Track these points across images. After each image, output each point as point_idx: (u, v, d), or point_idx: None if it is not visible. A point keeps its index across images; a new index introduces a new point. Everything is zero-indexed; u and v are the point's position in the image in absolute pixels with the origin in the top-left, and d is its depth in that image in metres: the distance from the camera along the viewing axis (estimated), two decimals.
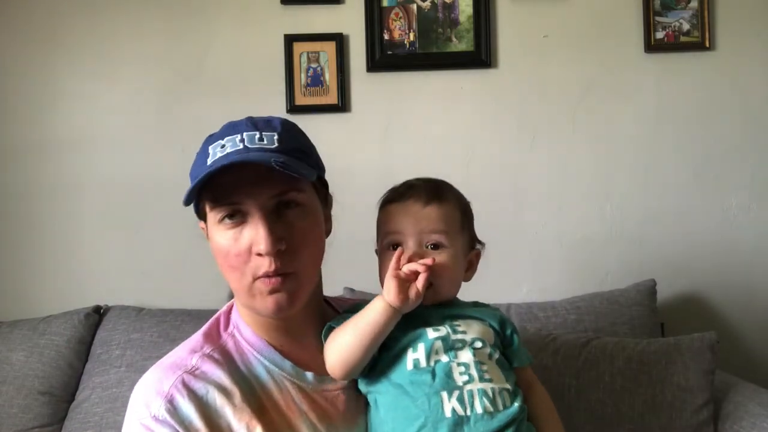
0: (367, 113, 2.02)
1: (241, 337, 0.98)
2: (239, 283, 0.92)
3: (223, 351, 0.96)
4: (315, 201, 0.96)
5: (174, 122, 2.01)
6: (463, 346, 0.95)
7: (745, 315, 2.00)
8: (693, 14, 2.01)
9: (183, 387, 0.90)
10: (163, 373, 0.92)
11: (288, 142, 0.93)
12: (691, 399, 1.47)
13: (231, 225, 0.91)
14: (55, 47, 2.01)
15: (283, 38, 2.00)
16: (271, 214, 0.90)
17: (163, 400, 0.88)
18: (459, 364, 0.94)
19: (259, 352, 0.96)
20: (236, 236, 0.90)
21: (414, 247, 0.98)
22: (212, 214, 0.93)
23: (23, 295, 1.99)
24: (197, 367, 0.93)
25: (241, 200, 0.89)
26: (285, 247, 0.89)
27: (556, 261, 2.02)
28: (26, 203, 2.01)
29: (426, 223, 0.99)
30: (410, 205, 1.01)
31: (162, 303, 1.91)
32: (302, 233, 0.92)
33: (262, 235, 0.88)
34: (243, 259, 0.90)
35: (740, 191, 2.02)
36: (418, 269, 0.92)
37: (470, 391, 0.92)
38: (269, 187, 0.89)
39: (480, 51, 2.00)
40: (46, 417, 1.70)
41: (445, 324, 0.98)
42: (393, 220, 1.01)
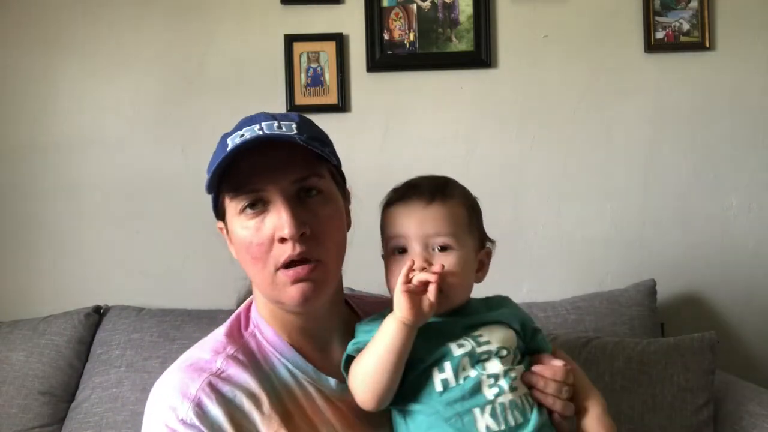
0: (367, 113, 2.02)
1: (263, 337, 0.95)
2: (262, 275, 0.89)
3: (247, 351, 0.93)
4: (335, 190, 0.94)
5: (174, 122, 2.01)
6: (490, 357, 0.91)
7: (745, 315, 2.00)
8: (693, 14, 2.01)
9: (211, 390, 0.86)
10: (187, 375, 0.88)
11: (306, 131, 0.91)
12: (691, 399, 1.47)
13: (253, 215, 0.88)
14: (55, 47, 2.01)
15: (283, 38, 2.00)
16: (293, 200, 0.87)
17: (190, 403, 0.85)
18: (489, 376, 0.90)
19: (281, 353, 0.93)
20: (258, 225, 0.88)
21: (420, 251, 0.93)
22: (233, 206, 0.90)
23: (23, 295, 1.99)
24: (223, 369, 0.89)
25: (262, 186, 0.87)
26: (309, 232, 0.87)
27: (556, 261, 2.02)
28: (26, 203, 2.01)
29: (431, 224, 0.94)
30: (412, 205, 0.95)
31: (162, 303, 1.91)
32: (325, 220, 0.89)
33: (285, 218, 0.85)
34: (265, 249, 0.87)
35: (740, 191, 2.02)
36: (429, 279, 0.87)
37: (502, 404, 0.88)
38: (290, 172, 0.87)
39: (480, 51, 2.00)
40: (46, 417, 1.70)
41: (467, 337, 0.93)
42: (395, 223, 0.96)
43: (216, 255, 2.10)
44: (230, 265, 1.01)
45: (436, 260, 0.92)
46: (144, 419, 0.89)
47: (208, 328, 1.01)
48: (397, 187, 1.00)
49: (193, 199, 1.91)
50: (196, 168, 1.96)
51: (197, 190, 0.93)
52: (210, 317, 1.74)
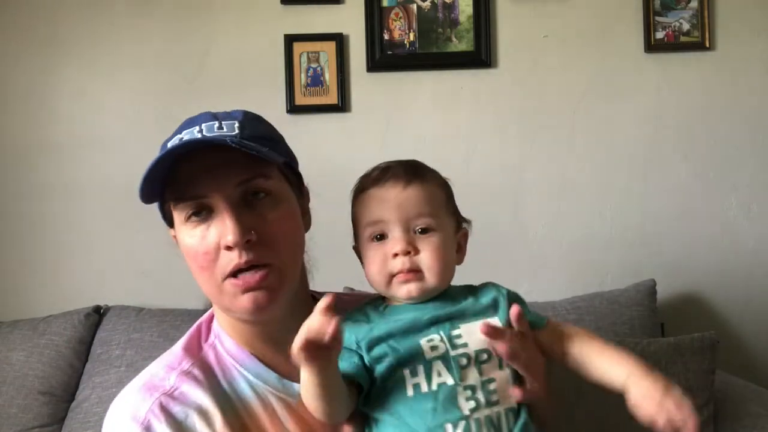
0: (367, 113, 2.02)
1: (223, 348, 0.92)
2: (209, 284, 0.86)
3: (204, 366, 0.89)
4: (286, 190, 0.89)
5: (174, 122, 1.98)
6: (468, 363, 0.84)
7: (745, 315, 2.00)
8: (693, 14, 2.01)
9: (161, 411, 0.83)
10: (139, 396, 0.86)
11: (251, 130, 0.86)
12: (691, 399, 1.47)
13: (197, 222, 0.84)
14: (56, 47, 2.01)
15: (283, 38, 2.00)
16: (238, 205, 0.83)
17: (139, 426, 0.82)
18: (465, 387, 0.83)
19: (242, 365, 0.90)
20: (203, 234, 0.84)
21: (401, 235, 0.88)
22: (177, 214, 0.86)
23: (23, 295, 1.99)
24: (176, 386, 0.86)
25: (205, 192, 0.82)
26: (256, 239, 0.82)
27: (556, 261, 2.02)
28: (26, 203, 2.01)
29: (411, 206, 0.89)
30: (390, 188, 0.90)
31: (162, 303, 1.91)
32: (275, 223, 0.85)
33: (228, 225, 0.81)
34: (211, 257, 0.83)
35: (740, 191, 2.02)
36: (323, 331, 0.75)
37: (477, 419, 0.82)
38: (233, 175, 0.82)
39: (480, 51, 2.00)
40: (46, 417, 1.70)
41: (442, 332, 0.86)
42: (373, 209, 0.91)
43: None
44: None
45: (419, 243, 0.89)
46: None
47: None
48: (368, 173, 0.95)
49: None
50: None
51: None
52: None
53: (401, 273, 0.88)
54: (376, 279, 0.91)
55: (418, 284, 0.88)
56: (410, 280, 0.88)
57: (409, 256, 0.88)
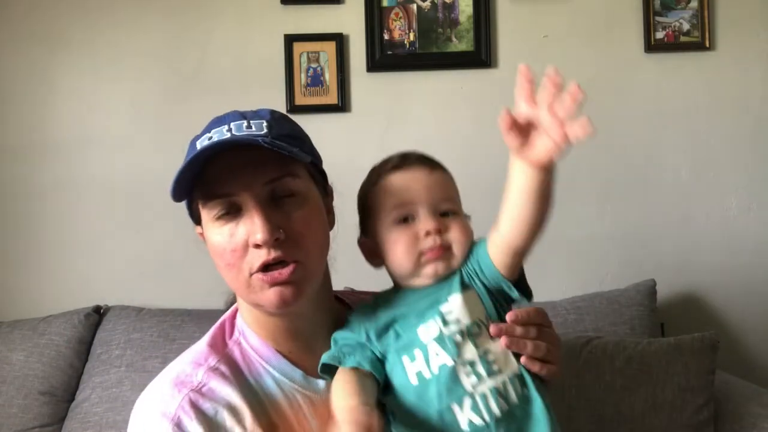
0: (367, 113, 2.02)
1: (248, 344, 0.92)
2: (237, 281, 0.87)
3: (230, 362, 0.90)
4: (312, 189, 0.91)
5: (174, 122, 2.01)
6: (463, 339, 0.85)
7: (745, 315, 2.00)
8: (693, 14, 2.01)
9: (191, 408, 0.84)
10: (167, 391, 0.87)
11: (278, 129, 0.88)
12: (691, 399, 1.47)
13: (226, 221, 0.86)
14: (55, 47, 2.01)
15: (283, 38, 2.00)
16: (266, 204, 0.84)
17: (170, 423, 0.83)
18: (464, 363, 0.84)
19: (268, 361, 0.91)
20: (232, 231, 0.85)
21: (430, 217, 0.90)
22: (206, 212, 0.88)
23: (23, 295, 1.99)
24: (204, 383, 0.87)
25: (234, 191, 0.84)
26: (284, 237, 0.84)
27: (556, 261, 2.01)
28: (26, 203, 2.01)
29: (438, 189, 0.94)
30: (416, 172, 0.94)
31: (162, 303, 1.91)
32: (301, 221, 0.86)
33: (257, 224, 0.83)
34: (239, 254, 0.85)
35: (740, 191, 2.02)
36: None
37: (483, 393, 0.83)
38: (261, 174, 0.84)
39: (480, 51, 2.00)
40: (46, 417, 1.70)
41: (434, 313, 0.87)
42: (400, 191, 0.92)
43: None
44: None
45: (447, 225, 0.91)
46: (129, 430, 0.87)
47: (208, 328, 1.00)
48: (383, 163, 0.97)
49: None
50: None
51: None
52: (210, 317, 1.72)
53: (432, 251, 0.90)
54: (403, 260, 0.91)
55: (446, 263, 0.91)
56: (440, 258, 0.90)
57: (440, 234, 0.90)
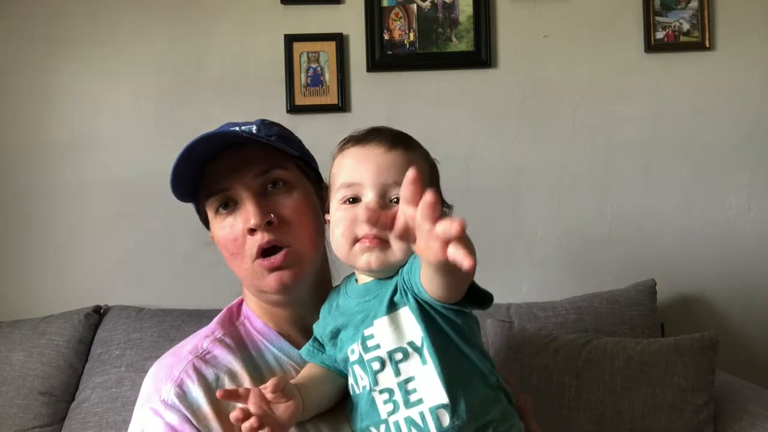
0: (367, 113, 2.01)
1: (252, 326, 1.00)
2: (241, 268, 0.94)
3: (235, 336, 0.98)
4: (302, 180, 0.98)
5: (174, 122, 2.01)
6: (382, 367, 0.80)
7: (745, 315, 2.00)
8: (693, 14, 2.01)
9: (193, 371, 0.91)
10: (174, 359, 0.94)
11: (266, 130, 0.96)
12: (691, 399, 1.47)
13: (226, 214, 0.94)
14: (56, 47, 2.01)
15: (283, 38, 2.00)
16: (258, 194, 0.92)
17: (173, 385, 0.90)
18: (381, 391, 0.80)
19: (269, 340, 0.98)
20: (232, 223, 0.93)
21: (375, 200, 0.82)
22: (209, 210, 0.96)
23: (23, 295, 1.99)
24: (208, 350, 0.94)
25: (228, 185, 0.92)
26: (276, 221, 0.91)
27: (556, 261, 2.02)
28: (26, 203, 2.01)
29: (391, 171, 0.83)
30: (371, 149, 0.85)
31: (162, 303, 1.91)
32: (291, 207, 0.93)
33: (250, 210, 0.90)
34: (240, 243, 0.93)
35: (740, 191, 2.02)
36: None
37: (396, 422, 0.79)
38: (252, 167, 0.92)
39: (480, 51, 2.00)
40: (46, 417, 1.70)
41: (359, 334, 0.82)
42: (349, 168, 0.85)
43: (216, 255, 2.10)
44: None
45: (393, 212, 0.75)
46: (138, 400, 0.94)
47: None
48: (355, 133, 0.91)
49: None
50: None
51: None
52: (210, 317, 1.72)
53: (366, 238, 0.82)
54: (339, 242, 0.85)
55: (380, 255, 0.82)
56: (373, 248, 0.82)
57: (377, 223, 0.76)
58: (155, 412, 0.88)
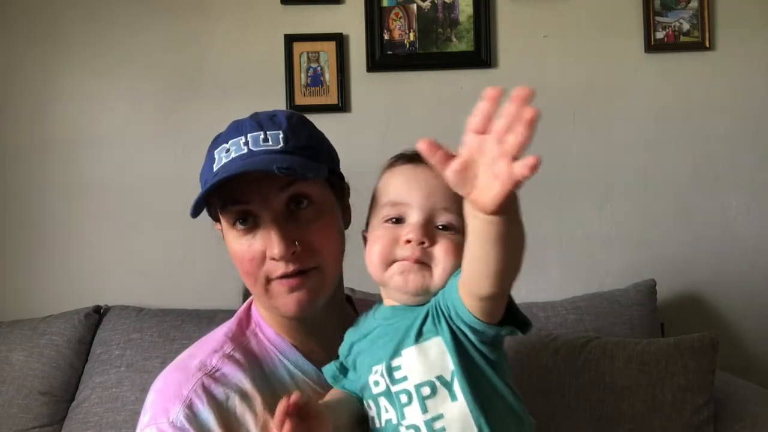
0: (367, 113, 2.01)
1: (263, 335, 0.96)
2: (255, 287, 0.91)
3: (245, 350, 0.93)
4: (327, 194, 0.92)
5: (174, 122, 2.01)
6: (410, 401, 0.76)
7: (745, 315, 2.00)
8: (693, 14, 2.01)
9: (203, 392, 0.87)
10: (182, 375, 0.90)
11: (294, 140, 0.89)
12: (691, 399, 1.47)
13: (244, 231, 0.89)
14: (55, 47, 2.01)
15: (283, 38, 1.99)
16: (282, 216, 0.87)
17: (181, 405, 0.86)
18: (408, 427, 0.76)
19: (282, 353, 0.94)
20: (250, 242, 0.88)
21: (421, 223, 0.79)
22: (224, 217, 0.91)
23: (23, 295, 1.99)
24: (218, 368, 0.90)
25: (249, 199, 0.87)
26: (300, 249, 0.87)
27: (556, 261, 2.01)
28: (26, 203, 2.01)
29: (442, 196, 0.79)
30: (424, 170, 0.79)
31: (162, 303, 1.91)
32: (317, 232, 0.89)
33: (275, 239, 0.85)
34: (257, 264, 0.88)
35: (740, 191, 2.02)
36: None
37: None
38: (275, 180, 0.86)
39: (480, 51, 2.00)
40: (46, 417, 1.70)
41: (383, 364, 0.78)
42: (398, 187, 0.82)
43: (216, 255, 2.09)
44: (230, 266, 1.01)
45: (438, 236, 0.79)
46: (140, 418, 0.90)
47: (208, 328, 1.02)
48: (407, 151, 0.85)
49: (193, 199, 1.91)
50: (196, 167, 1.96)
51: (197, 190, 0.93)
52: (210, 317, 1.75)
53: (406, 260, 0.79)
54: (374, 261, 0.82)
55: (419, 278, 0.79)
56: (412, 271, 0.79)
57: (422, 246, 0.78)
58: None
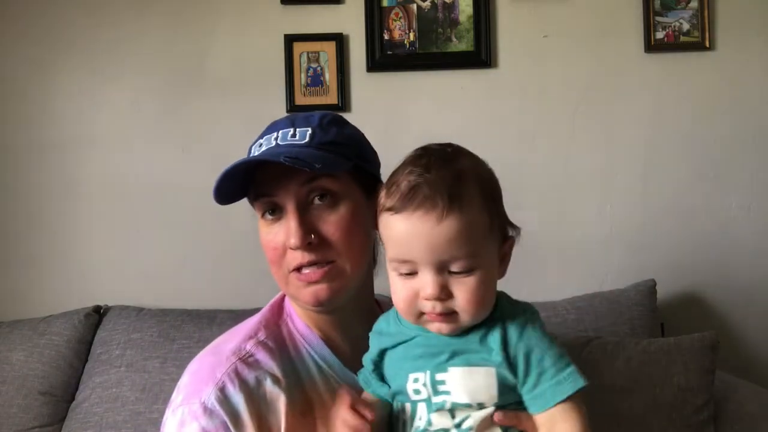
0: (367, 113, 2.01)
1: (294, 326, 0.99)
2: (278, 276, 0.95)
3: (278, 339, 0.96)
4: (352, 189, 0.94)
5: (174, 122, 2.01)
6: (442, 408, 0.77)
7: (745, 315, 2.00)
8: (693, 14, 2.01)
9: (236, 376, 0.89)
10: (217, 359, 0.92)
11: (321, 136, 0.93)
12: (691, 399, 1.47)
13: (271, 221, 0.93)
14: (55, 47, 2.01)
15: (283, 38, 1.99)
16: (302, 207, 0.91)
17: (214, 387, 0.88)
18: (436, 431, 0.77)
19: (310, 344, 0.97)
20: (275, 231, 0.93)
21: (434, 278, 0.76)
22: (258, 212, 0.96)
23: (23, 295, 1.99)
24: (251, 353, 0.92)
25: (273, 191, 0.91)
26: (317, 241, 0.90)
27: (556, 261, 2.01)
28: (26, 203, 2.01)
29: (446, 248, 0.75)
30: (420, 222, 0.75)
31: (162, 303, 1.91)
32: (335, 224, 0.91)
33: (292, 228, 0.89)
34: (279, 253, 0.92)
35: (740, 191, 2.02)
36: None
37: None
38: (300, 173, 0.89)
39: (480, 51, 2.00)
40: (46, 417, 1.70)
41: (428, 372, 0.78)
42: (399, 244, 0.78)
43: (216, 255, 2.10)
44: (230, 265, 1.01)
45: (453, 285, 0.76)
46: (172, 397, 0.92)
47: (208, 328, 1.03)
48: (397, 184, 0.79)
49: (193, 198, 1.92)
50: (196, 167, 1.96)
51: (197, 190, 0.94)
52: (210, 317, 1.75)
53: (431, 315, 0.78)
54: (405, 311, 0.81)
55: (450, 326, 0.78)
56: (441, 321, 0.78)
57: (440, 301, 0.77)
58: (194, 415, 0.87)
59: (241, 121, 1.95)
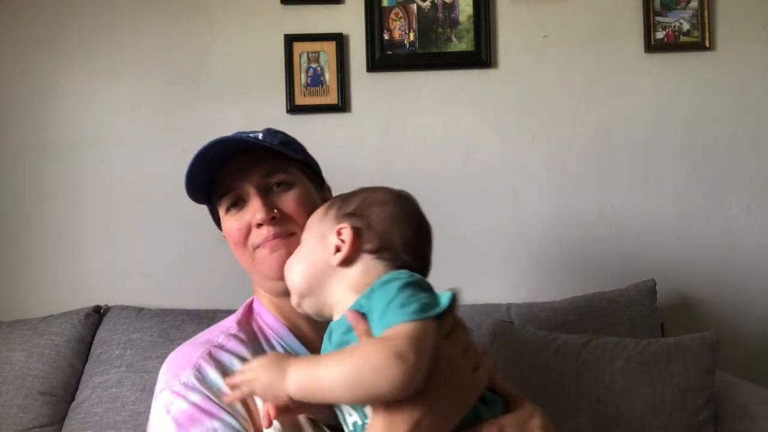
0: (367, 113, 2.02)
1: (263, 321, 1.07)
2: (245, 256, 1.03)
3: (248, 332, 1.05)
4: (304, 181, 1.06)
5: (174, 122, 2.01)
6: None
7: (745, 315, 2.00)
8: (693, 14, 2.01)
9: (210, 358, 0.98)
10: (191, 348, 1.01)
11: (272, 137, 1.05)
12: (691, 399, 1.47)
13: (235, 211, 1.03)
14: (55, 47, 2.01)
15: (283, 38, 2.00)
16: (263, 191, 1.02)
17: (191, 369, 0.96)
18: None
19: (279, 335, 1.05)
20: (239, 218, 1.03)
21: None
22: (221, 209, 1.05)
23: (23, 295, 1.99)
24: (223, 344, 1.01)
25: (237, 184, 1.02)
26: (279, 215, 1.00)
27: (556, 261, 2.01)
28: (26, 203, 2.01)
29: None
30: None
31: (162, 303, 1.91)
32: (293, 201, 1.02)
33: (256, 206, 1.00)
34: (244, 233, 1.02)
35: (740, 191, 2.02)
36: None
37: None
38: (258, 170, 1.02)
39: (480, 51, 2.00)
40: (46, 417, 1.70)
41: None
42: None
43: (216, 255, 2.10)
44: (229, 266, 1.03)
45: None
46: (155, 388, 0.99)
47: (207, 328, 1.05)
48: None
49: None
50: None
51: None
52: (210, 317, 1.74)
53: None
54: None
55: None
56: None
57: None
58: (177, 393, 0.94)
59: (242, 121, 1.94)
